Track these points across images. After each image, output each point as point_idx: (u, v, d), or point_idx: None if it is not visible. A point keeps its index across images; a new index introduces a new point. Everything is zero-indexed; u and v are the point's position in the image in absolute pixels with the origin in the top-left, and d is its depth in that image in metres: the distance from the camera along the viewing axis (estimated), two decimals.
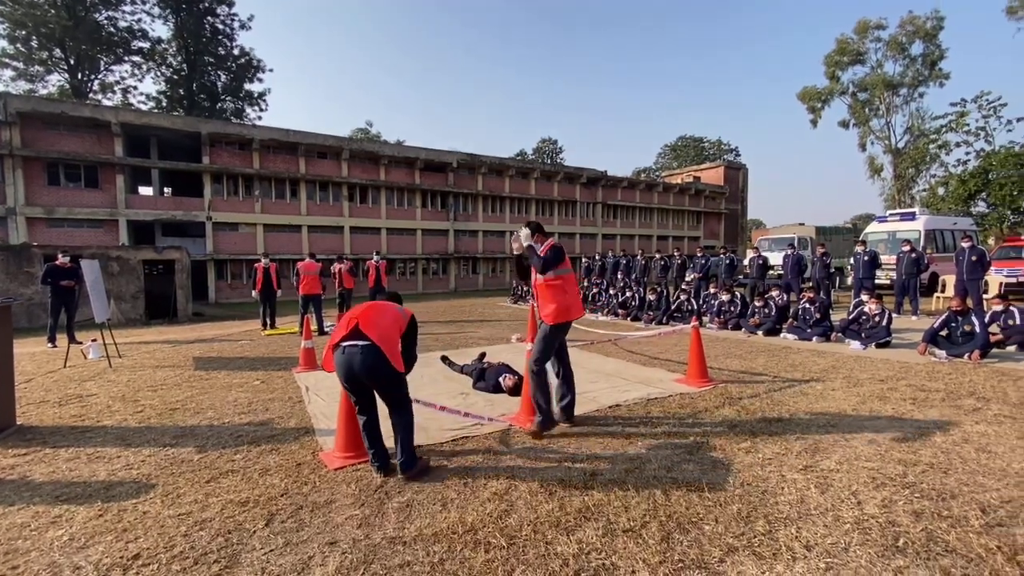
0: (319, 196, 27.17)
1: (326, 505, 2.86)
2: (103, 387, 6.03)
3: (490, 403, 4.90)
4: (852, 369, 6.09)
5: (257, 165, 25.14)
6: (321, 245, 25.72)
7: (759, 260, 12.70)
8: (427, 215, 30.47)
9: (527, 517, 2.64)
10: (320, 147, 26.82)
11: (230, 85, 41.58)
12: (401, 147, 31.75)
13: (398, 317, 3.38)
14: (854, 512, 2.61)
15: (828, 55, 35.95)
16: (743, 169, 49.90)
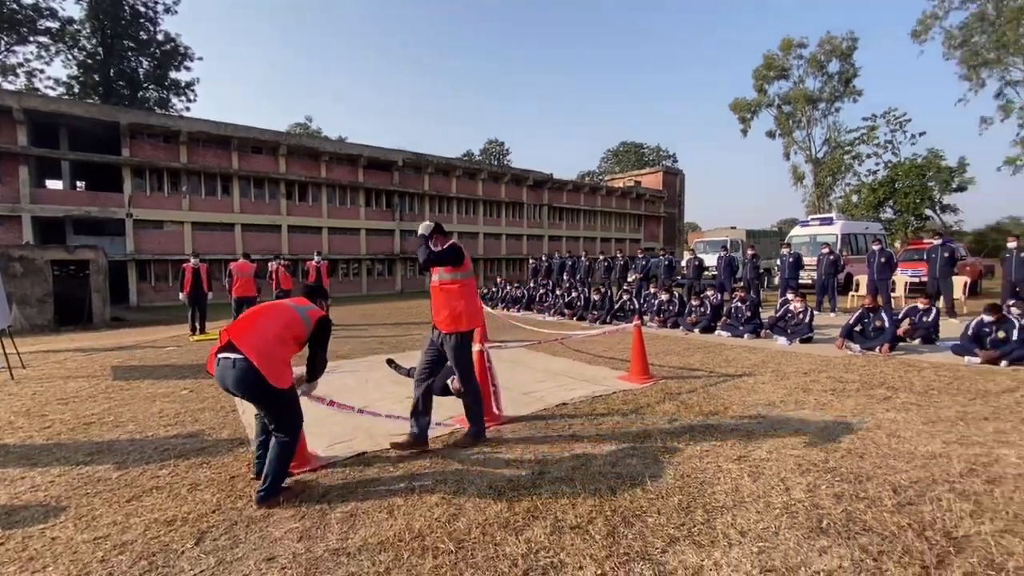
0: (254, 193, 25.79)
1: (263, 519, 2.71)
2: (3, 401, 5.42)
3: (438, 406, 4.82)
4: (779, 363, 6.51)
5: (185, 159, 23.51)
6: (257, 245, 24.42)
7: (695, 261, 13.38)
8: (371, 214, 29.70)
9: (475, 520, 2.63)
10: (255, 141, 25.46)
11: (153, 73, 38.64)
12: (343, 144, 30.80)
13: (293, 322, 2.99)
14: (783, 497, 2.79)
15: (756, 69, 38.38)
16: (680, 175, 52.30)
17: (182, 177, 23.67)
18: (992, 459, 3.23)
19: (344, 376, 6.28)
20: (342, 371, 6.58)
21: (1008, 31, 24.45)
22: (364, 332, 10.81)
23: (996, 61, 25.97)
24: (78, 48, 35.48)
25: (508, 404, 4.68)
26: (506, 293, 15.98)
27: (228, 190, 24.97)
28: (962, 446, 3.48)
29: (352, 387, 5.70)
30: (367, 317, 14.25)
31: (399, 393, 5.36)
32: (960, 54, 27.11)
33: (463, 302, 3.62)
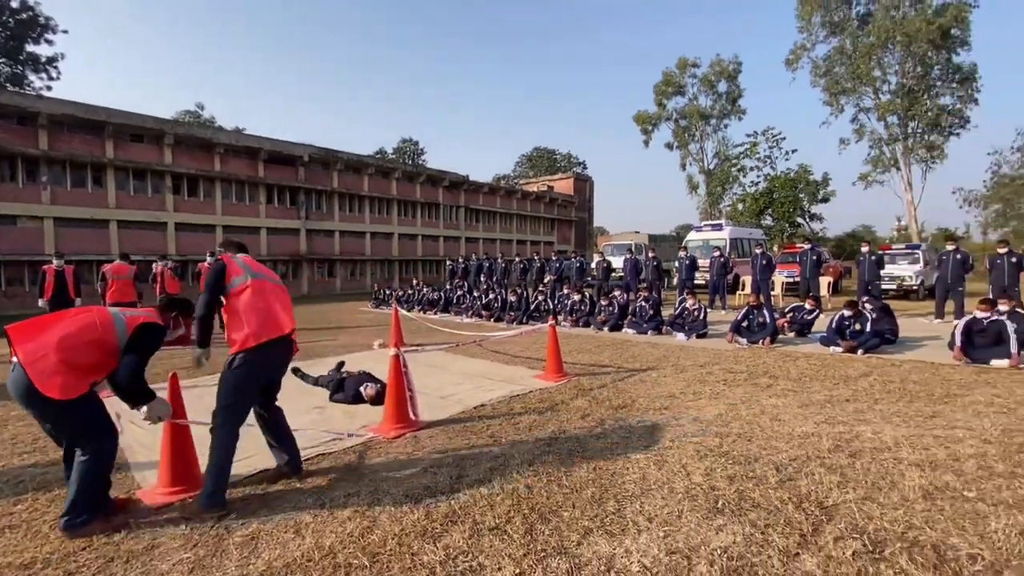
0: (134, 186, 22.96)
1: (147, 552, 2.41)
2: None
3: (350, 415, 4.62)
4: (679, 357, 7.02)
5: (45, 145, 20.35)
6: (138, 244, 21.76)
7: (604, 264, 14.09)
8: (274, 212, 27.70)
9: (391, 530, 2.54)
10: (135, 128, 22.69)
11: (5, 45, 33.08)
12: (241, 135, 28.46)
13: (88, 327, 2.55)
14: (684, 482, 3.00)
15: (657, 84, 41.20)
16: (590, 181, 54.76)
17: (41, 165, 20.48)
18: (853, 435, 3.73)
19: None
20: None
21: (861, 64, 28.56)
22: None
23: (852, 90, 30.18)
24: None
25: (425, 409, 4.59)
26: (423, 295, 15.69)
27: (101, 182, 22.01)
28: (830, 425, 3.98)
29: None
30: None
31: (306, 403, 5.05)
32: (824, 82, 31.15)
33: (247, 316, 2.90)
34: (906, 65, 28.14)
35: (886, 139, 30.03)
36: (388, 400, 4.15)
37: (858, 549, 2.25)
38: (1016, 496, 2.72)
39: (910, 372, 5.80)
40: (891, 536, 2.36)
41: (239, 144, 26.36)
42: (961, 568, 2.10)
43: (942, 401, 4.60)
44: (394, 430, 4.02)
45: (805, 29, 31.30)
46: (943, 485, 2.87)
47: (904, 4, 27.51)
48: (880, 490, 2.83)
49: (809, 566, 2.14)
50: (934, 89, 28.33)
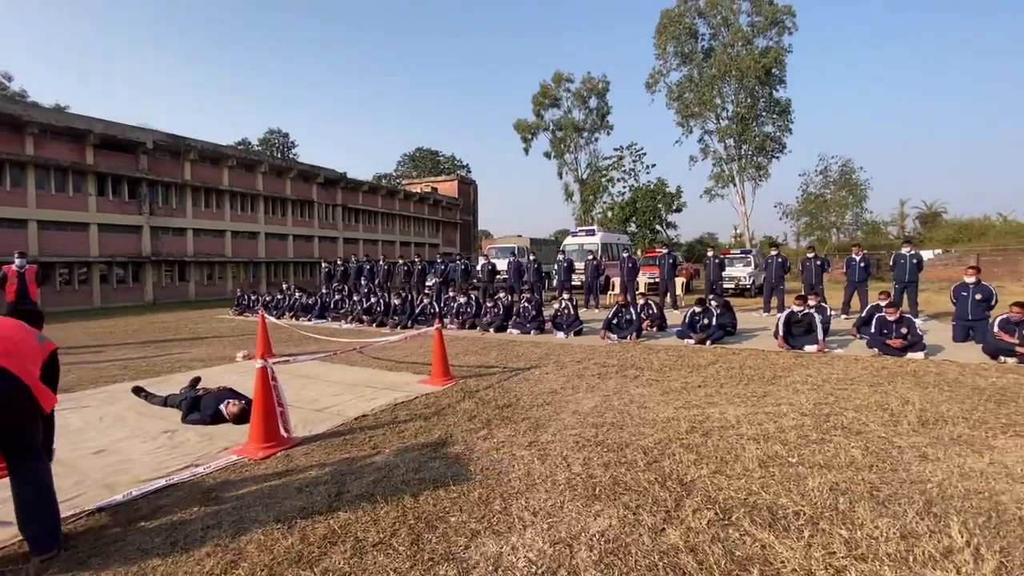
0: None
1: None
2: None
3: (208, 438, 4.10)
4: (559, 355, 7.40)
5: None
6: None
7: (489, 266, 14.33)
8: (107, 206, 23.57)
9: (261, 561, 2.29)
10: None
11: None
12: (63, 114, 23.79)
13: (35, 346, 2.52)
14: (565, 474, 3.16)
15: (535, 95, 43.08)
16: (474, 184, 55.36)
17: None
18: (705, 417, 4.24)
19: (67, 415, 4.82)
20: (63, 408, 5.04)
21: (706, 92, 32.82)
22: (98, 355, 8.54)
23: (699, 114, 34.48)
24: None
25: (299, 423, 4.25)
26: (295, 300, 14.53)
27: None
28: (686, 409, 4.47)
29: (79, 428, 4.44)
30: (102, 336, 11.30)
31: (151, 428, 4.38)
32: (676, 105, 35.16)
33: None
34: (739, 96, 32.90)
35: (725, 159, 34.77)
36: (255, 418, 3.76)
37: (711, 518, 2.56)
38: (826, 458, 3.30)
39: (747, 359, 6.76)
40: (736, 503, 2.72)
41: (60, 124, 21.96)
42: (789, 523, 2.49)
43: (771, 382, 5.44)
44: (262, 450, 3.65)
45: (661, 56, 35.02)
46: (774, 454, 3.38)
47: (738, 43, 32.13)
48: (727, 463, 3.25)
49: (674, 539, 2.37)
50: (760, 118, 33.50)
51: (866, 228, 40.67)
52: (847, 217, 40.48)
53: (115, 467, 3.51)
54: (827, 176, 40.30)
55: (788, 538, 2.35)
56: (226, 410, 4.39)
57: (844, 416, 4.18)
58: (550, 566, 2.20)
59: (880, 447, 3.47)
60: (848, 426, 3.93)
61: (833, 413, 4.27)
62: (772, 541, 2.32)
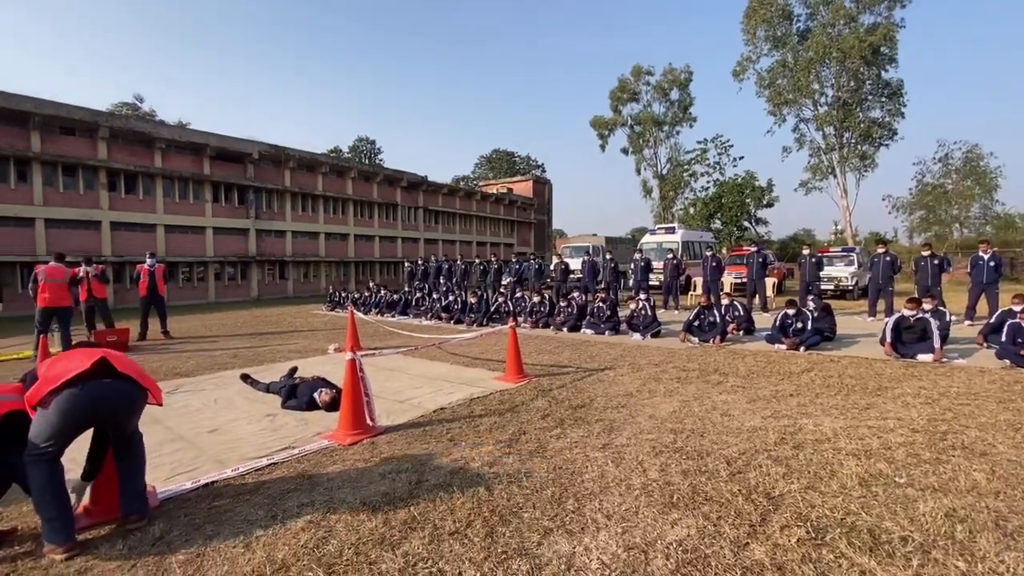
0: (63, 182, 21.33)
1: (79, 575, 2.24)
2: None
3: (303, 422, 4.46)
4: (635, 357, 7.20)
5: None
6: (69, 243, 20.19)
7: (562, 265, 14.27)
8: (221, 211, 26.39)
9: (348, 540, 2.46)
10: (65, 120, 21.09)
11: None
12: (184, 130, 26.96)
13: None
14: (641, 479, 3.07)
15: (612, 91, 42.17)
16: (548, 183, 55.36)
17: None
18: (797, 428, 3.93)
19: (187, 396, 5.49)
20: (184, 391, 5.74)
21: (801, 77, 30.26)
22: (212, 345, 9.58)
23: (794, 101, 31.92)
24: None
25: (383, 413, 4.50)
26: (380, 298, 15.38)
27: (25, 177, 20.32)
28: (775, 419, 4.17)
29: (197, 409, 5.01)
30: (216, 328, 12.66)
31: (256, 412, 4.84)
32: (768, 93, 32.79)
33: None
34: (841, 79, 30.02)
35: (824, 148, 31.92)
36: (344, 406, 4.04)
37: (802, 536, 2.37)
38: (941, 480, 2.94)
39: (847, 367, 6.17)
40: (831, 522, 2.50)
41: (183, 140, 24.97)
42: (894, 550, 2.25)
43: (875, 394, 4.92)
44: (350, 436, 3.91)
45: (751, 42, 32.83)
46: (877, 472, 3.07)
47: (839, 22, 29.30)
48: (821, 479, 3.00)
49: (758, 555, 2.23)
50: (866, 103, 30.35)
51: (997, 222, 35.48)
52: (973, 210, 35.61)
53: (226, 445, 3.92)
54: (948, 164, 35.72)
55: (892, 565, 2.12)
56: (319, 398, 4.75)
57: (965, 435, 3.69)
58: (624, 571, 2.15)
59: (1010, 471, 3.03)
60: (970, 446, 3.47)
61: (952, 431, 3.78)
62: (873, 567, 2.11)
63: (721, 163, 41.06)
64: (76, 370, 2.46)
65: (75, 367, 2.48)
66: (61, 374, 2.45)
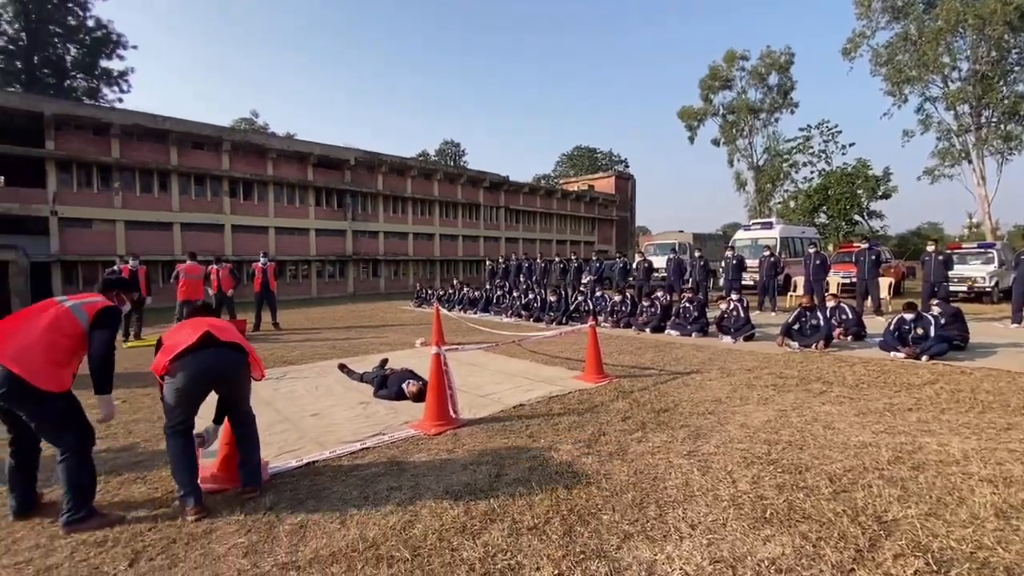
0: (195, 190, 24.41)
1: (205, 536, 2.56)
2: None
3: (393, 411, 4.74)
4: (725, 361, 6.80)
5: (117, 153, 21.94)
6: (199, 244, 23.06)
7: (645, 264, 13.81)
8: (322, 214, 28.74)
9: (432, 525, 2.58)
10: (196, 136, 24.12)
11: (82, 61, 35.90)
12: (292, 141, 29.66)
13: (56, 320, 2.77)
14: (730, 490, 2.90)
15: (702, 79, 39.99)
16: (631, 179, 53.80)
17: (113, 172, 22.09)
18: (916, 447, 3.50)
19: (293, 383, 6.05)
20: (290, 377, 6.33)
21: (928, 51, 26.57)
22: (315, 337, 10.45)
23: (917, 78, 28.22)
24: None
25: (465, 407, 4.65)
26: (463, 295, 15.89)
27: (166, 187, 23.52)
28: (890, 435, 3.74)
29: (301, 394, 5.50)
30: (317, 321, 13.79)
31: (351, 399, 5.21)
32: (885, 71, 29.29)
33: None
34: (979, 50, 26.05)
35: (956, 130, 27.94)
36: (429, 398, 4.23)
37: (920, 568, 2.11)
38: None
39: (982, 380, 5.37)
40: (958, 556, 2.20)
41: (290, 149, 27.51)
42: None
43: (1019, 412, 4.24)
44: (435, 427, 4.09)
45: (864, 15, 29.50)
46: (1019, 503, 2.65)
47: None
48: (946, 506, 2.64)
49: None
50: (1011, 75, 26.07)
51: None
52: None
53: (325, 428, 4.27)
54: None
55: None
56: (407, 389, 5.01)
57: None
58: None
59: None
60: None
61: None
62: None
63: (827, 151, 37.36)
64: (186, 343, 2.82)
65: (184, 341, 2.83)
66: (175, 346, 2.83)
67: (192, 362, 2.81)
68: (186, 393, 2.82)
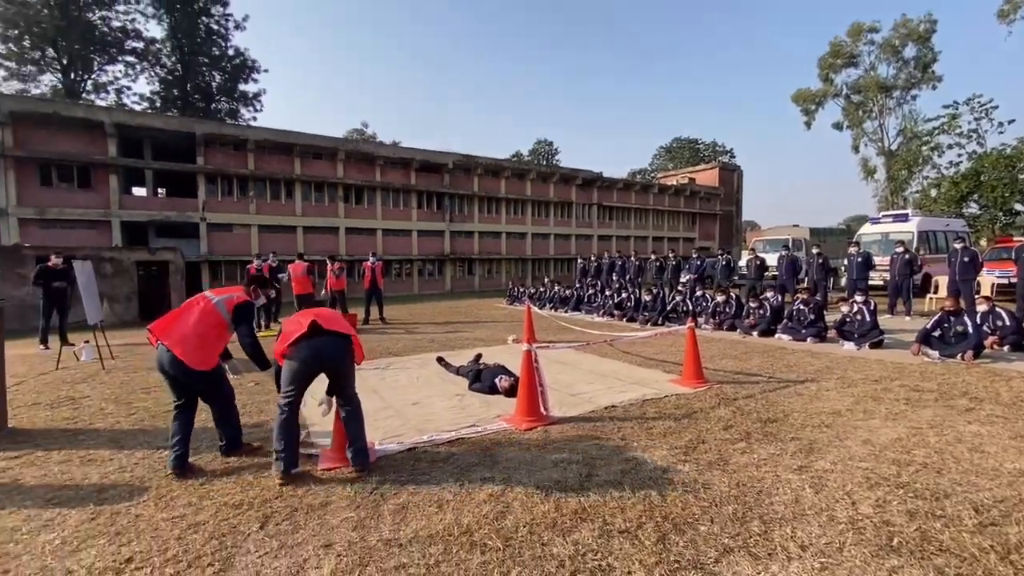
0: (314, 197, 27.08)
1: (321, 507, 2.84)
2: (96, 389, 5.98)
3: (486, 404, 4.89)
4: (846, 369, 6.12)
5: (252, 166, 25.03)
6: (316, 246, 25.60)
7: (756, 261, 12.78)
8: (423, 216, 30.43)
9: (523, 519, 2.64)
10: (315, 148, 26.74)
11: (224, 86, 41.34)
12: (397, 148, 31.72)
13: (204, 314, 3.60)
14: (848, 512, 2.62)
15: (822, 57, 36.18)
16: (738, 171, 50.12)
17: (249, 183, 25.23)
18: None
19: (397, 373, 6.48)
20: (394, 368, 6.79)
21: None
22: (415, 330, 11.10)
23: None
24: (159, 66, 38.56)
25: (555, 404, 4.67)
26: (554, 293, 15.92)
27: (291, 194, 26.38)
28: None
29: (404, 384, 5.88)
30: (417, 316, 14.61)
31: (448, 390, 5.47)
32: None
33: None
34: None
35: None
36: (521, 394, 4.32)
37: None
38: None
39: None
40: None
41: (395, 156, 29.49)
42: None
43: None
44: (526, 422, 4.16)
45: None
46: None
47: None
48: None
49: None
50: None
51: None
52: None
53: (425, 417, 4.53)
54: None
55: None
56: (499, 384, 5.15)
57: None
58: None
59: None
60: None
61: None
62: None
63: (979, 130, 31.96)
64: (297, 332, 3.28)
65: (297, 330, 3.29)
66: (290, 335, 3.32)
67: (304, 347, 3.25)
68: (299, 373, 3.26)
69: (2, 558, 2.40)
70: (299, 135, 26.10)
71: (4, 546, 2.51)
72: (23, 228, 20.59)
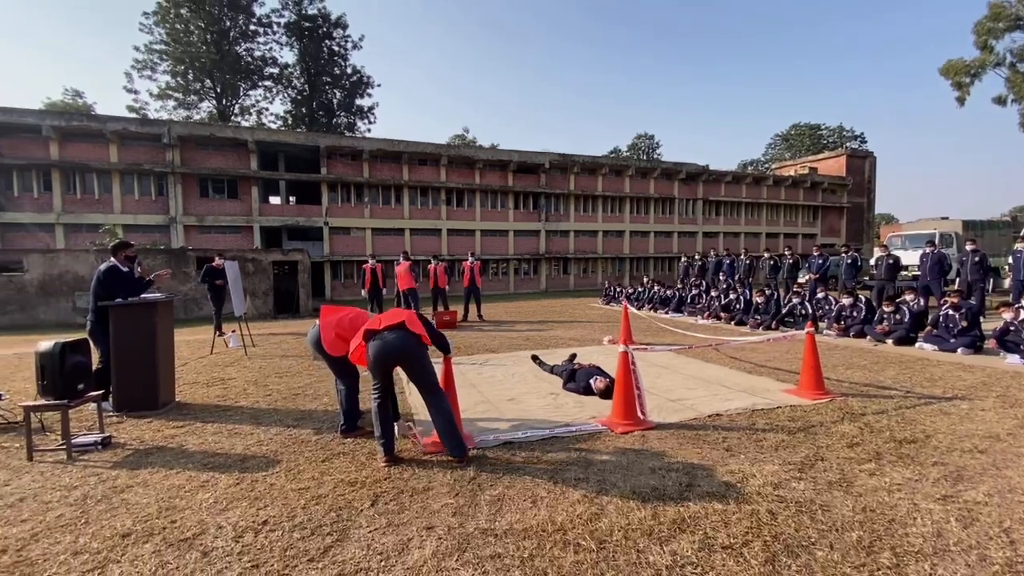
0: (420, 201, 28.83)
1: (424, 491, 3.03)
2: (240, 372, 6.92)
3: (580, 404, 4.87)
4: (1009, 387, 5.18)
5: (367, 174, 27.28)
6: (421, 246, 27.25)
7: (888, 260, 11.25)
8: (519, 216, 30.98)
9: (618, 523, 2.59)
10: (421, 154, 28.43)
11: (344, 101, 45.46)
12: (495, 151, 32.58)
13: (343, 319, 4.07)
14: (1005, 553, 2.23)
15: (979, 22, 30.60)
16: (870, 157, 44.39)
17: (364, 189, 27.51)
18: None
19: (493, 369, 6.68)
20: (491, 364, 7.00)
21: None
22: (511, 329, 11.34)
23: None
24: (291, 87, 43.48)
25: (654, 409, 4.51)
26: (654, 293, 15.35)
27: (399, 199, 28.34)
28: None
29: (500, 380, 6.04)
30: (513, 314, 14.90)
31: (542, 388, 5.52)
32: None
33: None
34: None
35: None
36: (617, 396, 4.23)
37: None
38: None
39: None
40: None
41: (494, 159, 30.36)
42: None
43: None
44: (622, 426, 4.07)
45: None
46: None
47: None
48: None
49: None
50: None
51: None
52: None
53: (519, 413, 4.62)
54: None
55: None
56: (594, 384, 5.09)
57: None
58: None
59: None
60: None
61: None
62: None
63: None
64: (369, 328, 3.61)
65: (369, 327, 3.62)
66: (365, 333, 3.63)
67: (371, 345, 3.54)
68: (375, 365, 3.54)
69: (171, 510, 2.88)
70: (407, 144, 27.91)
71: (172, 500, 3.01)
72: (187, 233, 24.39)
